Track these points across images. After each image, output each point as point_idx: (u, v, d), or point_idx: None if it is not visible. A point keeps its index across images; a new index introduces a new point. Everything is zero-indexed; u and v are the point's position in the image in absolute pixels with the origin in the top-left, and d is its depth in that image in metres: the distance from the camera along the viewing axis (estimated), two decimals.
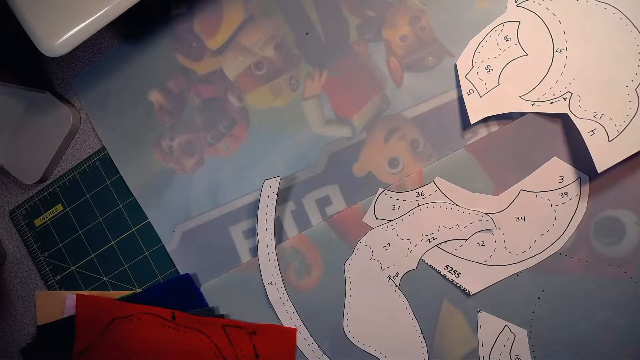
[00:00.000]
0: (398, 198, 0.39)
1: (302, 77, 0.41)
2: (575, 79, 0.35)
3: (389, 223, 0.39)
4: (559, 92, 0.35)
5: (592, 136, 0.34)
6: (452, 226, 0.37)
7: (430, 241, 0.38)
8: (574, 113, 0.35)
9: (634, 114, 0.34)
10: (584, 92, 0.35)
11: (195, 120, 0.43)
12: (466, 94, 0.37)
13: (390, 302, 0.39)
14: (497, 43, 0.37)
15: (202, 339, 0.42)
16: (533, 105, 0.36)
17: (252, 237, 0.42)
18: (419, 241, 0.38)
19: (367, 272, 0.39)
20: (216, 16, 0.43)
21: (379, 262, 0.39)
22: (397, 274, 0.39)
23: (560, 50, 0.35)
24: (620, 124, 0.34)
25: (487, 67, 0.37)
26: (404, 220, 0.39)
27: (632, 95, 0.34)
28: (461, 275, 0.38)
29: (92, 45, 0.46)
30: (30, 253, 0.48)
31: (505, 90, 0.36)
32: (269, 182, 0.40)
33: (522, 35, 0.36)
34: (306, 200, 0.41)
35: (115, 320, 0.44)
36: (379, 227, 0.39)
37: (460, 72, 0.38)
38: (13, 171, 0.47)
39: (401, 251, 0.38)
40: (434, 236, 0.38)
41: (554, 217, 0.36)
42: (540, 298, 0.37)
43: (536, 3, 0.36)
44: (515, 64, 0.36)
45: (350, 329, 0.40)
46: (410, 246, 0.38)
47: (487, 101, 0.37)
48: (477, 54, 0.37)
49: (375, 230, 0.39)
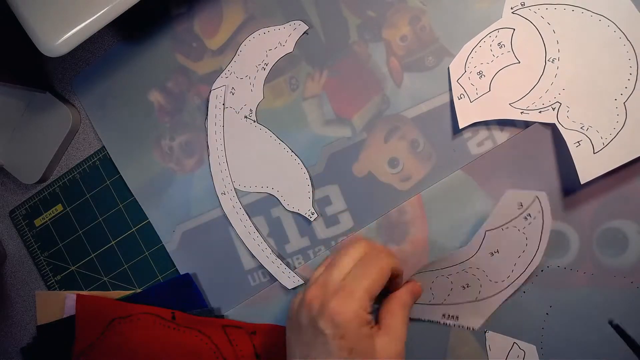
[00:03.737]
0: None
1: (302, 77, 0.41)
2: (565, 89, 0.35)
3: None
4: (548, 102, 0.35)
5: (577, 147, 0.34)
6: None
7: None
8: (562, 123, 0.35)
9: (621, 128, 0.34)
10: (573, 103, 0.35)
11: (195, 120, 0.43)
12: (457, 99, 0.37)
13: (257, 136, 0.41)
14: (491, 49, 0.37)
15: (202, 339, 0.42)
16: (522, 113, 0.36)
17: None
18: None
19: (229, 126, 0.42)
20: (216, 16, 0.43)
21: (232, 108, 0.41)
22: (250, 110, 0.40)
23: (553, 60, 0.35)
24: (607, 136, 0.34)
25: (479, 73, 0.37)
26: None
27: (620, 108, 0.34)
28: (459, 317, 0.38)
29: (92, 45, 0.46)
30: (30, 253, 0.48)
31: (496, 97, 0.36)
32: (215, 92, 0.41)
33: (516, 43, 0.36)
34: None
35: (115, 320, 0.44)
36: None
37: (452, 76, 0.38)
38: (13, 171, 0.47)
39: (245, 89, 0.41)
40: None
41: (525, 239, 0.36)
42: (549, 313, 0.37)
43: (532, 11, 0.36)
44: (507, 71, 0.36)
45: (237, 182, 0.42)
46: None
47: (477, 107, 0.37)
48: (471, 58, 0.37)
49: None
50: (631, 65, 0.34)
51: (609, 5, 0.35)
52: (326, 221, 0.41)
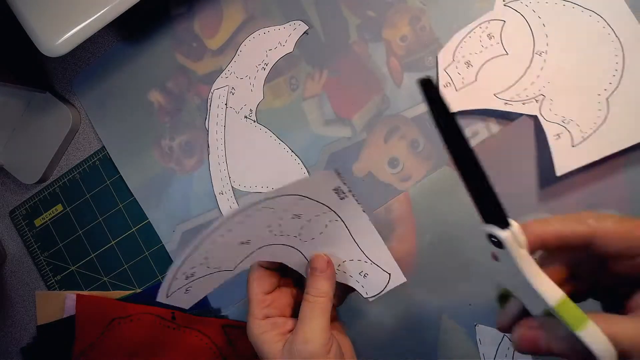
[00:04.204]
0: None
1: (302, 77, 0.41)
2: (550, 83, 0.35)
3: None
4: (533, 94, 0.36)
5: (557, 140, 0.35)
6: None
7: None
8: (544, 116, 0.35)
9: (602, 123, 0.34)
10: (556, 96, 0.35)
11: (195, 120, 0.43)
12: (443, 87, 0.38)
13: (257, 136, 0.41)
14: (480, 40, 0.37)
15: (202, 339, 0.42)
16: (506, 104, 0.36)
17: None
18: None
19: (229, 126, 0.41)
20: (216, 16, 0.43)
21: (232, 108, 0.41)
22: (250, 110, 0.40)
23: (540, 53, 0.36)
24: (587, 130, 0.34)
25: (467, 63, 0.37)
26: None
27: (603, 104, 0.34)
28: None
29: (92, 45, 0.46)
30: (30, 253, 0.48)
31: (481, 87, 0.37)
32: (218, 92, 0.41)
33: (505, 35, 0.37)
34: None
35: (115, 320, 0.44)
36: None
37: (440, 64, 0.38)
38: (13, 171, 0.47)
39: (245, 89, 0.41)
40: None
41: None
42: None
43: (523, 4, 0.36)
44: (495, 62, 0.37)
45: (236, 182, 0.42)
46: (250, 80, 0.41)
47: (462, 96, 0.37)
48: (460, 48, 0.38)
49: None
50: (617, 62, 0.34)
51: (600, 1, 0.35)
52: None
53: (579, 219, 0.23)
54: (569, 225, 0.23)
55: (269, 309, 0.31)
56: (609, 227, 0.23)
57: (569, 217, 0.24)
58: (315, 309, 0.30)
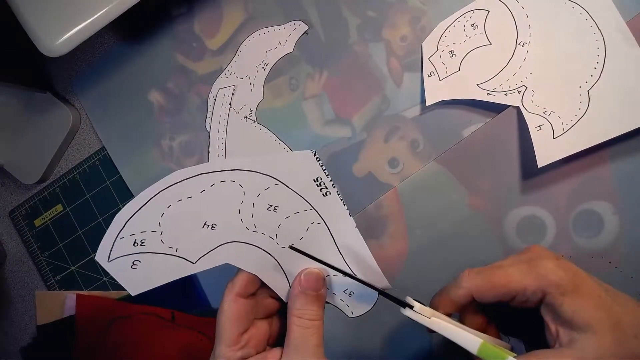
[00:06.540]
0: None
1: (302, 77, 0.41)
2: (532, 74, 0.35)
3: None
4: (515, 85, 0.36)
5: (538, 131, 0.35)
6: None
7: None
8: (525, 107, 0.35)
9: (582, 115, 0.34)
10: (538, 88, 0.35)
11: (195, 120, 0.43)
12: (426, 76, 0.38)
13: (256, 136, 0.41)
14: (464, 29, 0.37)
15: (202, 339, 0.42)
16: (488, 94, 0.36)
17: None
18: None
19: (229, 126, 0.41)
20: (216, 16, 0.43)
21: (233, 108, 0.40)
22: (250, 110, 0.40)
23: (523, 44, 0.36)
24: (568, 122, 0.34)
25: (450, 52, 0.37)
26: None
27: (584, 96, 0.34)
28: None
29: (92, 45, 0.46)
30: (30, 253, 0.48)
31: (464, 77, 0.37)
32: (222, 91, 0.41)
33: (489, 25, 0.37)
34: None
35: (115, 320, 0.44)
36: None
37: (424, 53, 0.38)
38: (13, 171, 0.47)
39: (245, 89, 0.41)
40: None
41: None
42: None
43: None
44: (478, 52, 0.37)
45: None
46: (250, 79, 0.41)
47: (445, 85, 0.37)
48: (444, 37, 0.38)
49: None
50: (599, 55, 0.34)
51: None
52: None
53: (455, 283, 0.28)
54: (452, 291, 0.28)
55: (245, 350, 0.26)
56: (478, 284, 0.27)
57: (450, 285, 0.28)
58: (312, 335, 0.26)
